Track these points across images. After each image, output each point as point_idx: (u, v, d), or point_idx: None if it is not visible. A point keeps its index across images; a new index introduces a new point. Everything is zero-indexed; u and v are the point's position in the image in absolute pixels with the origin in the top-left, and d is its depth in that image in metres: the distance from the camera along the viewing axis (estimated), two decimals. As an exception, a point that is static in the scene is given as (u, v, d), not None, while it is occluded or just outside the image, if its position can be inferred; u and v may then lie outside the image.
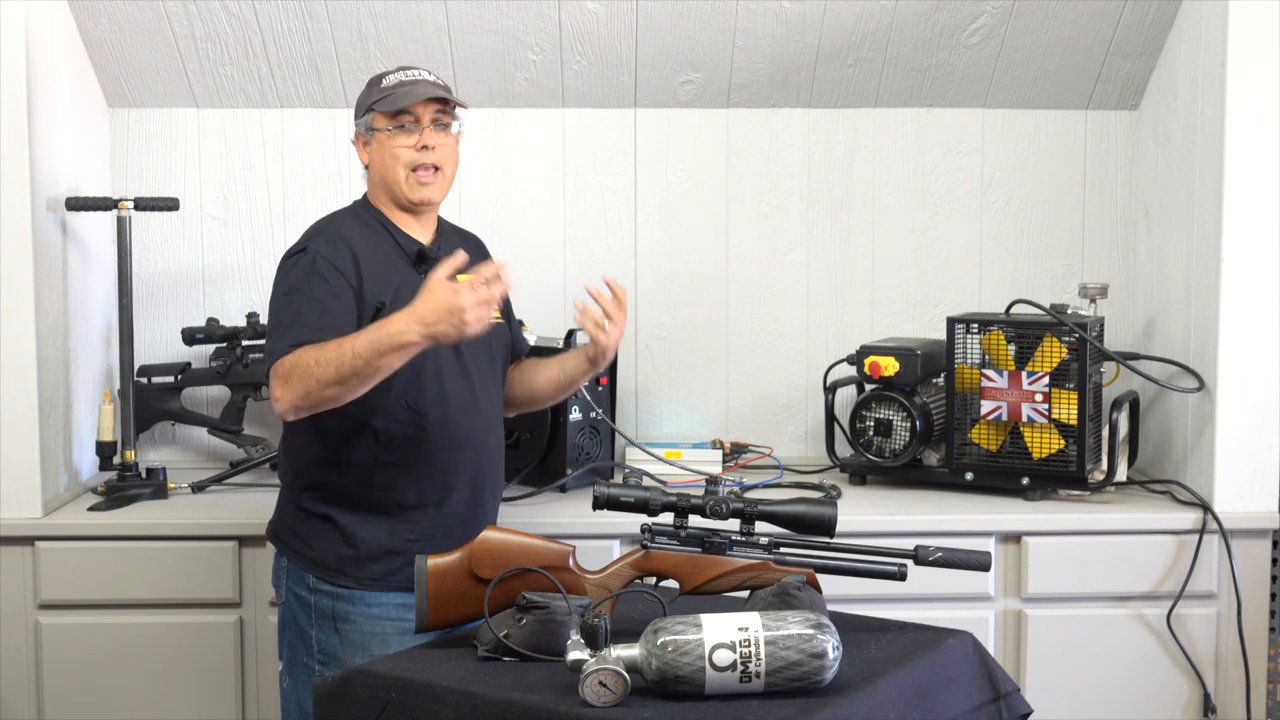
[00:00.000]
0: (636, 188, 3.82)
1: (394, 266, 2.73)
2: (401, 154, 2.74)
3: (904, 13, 3.56)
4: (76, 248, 3.46)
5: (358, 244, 2.71)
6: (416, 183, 2.75)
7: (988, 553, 2.36)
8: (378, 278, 2.69)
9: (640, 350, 3.84)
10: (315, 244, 2.69)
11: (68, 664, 3.22)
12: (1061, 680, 3.25)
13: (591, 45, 3.62)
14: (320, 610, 2.70)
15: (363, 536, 2.68)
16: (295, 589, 2.73)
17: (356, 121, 2.80)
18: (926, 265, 3.86)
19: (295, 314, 2.62)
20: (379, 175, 2.78)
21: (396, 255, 2.75)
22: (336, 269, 2.65)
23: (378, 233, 2.76)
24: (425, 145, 2.74)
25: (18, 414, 3.20)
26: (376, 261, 2.71)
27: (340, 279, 2.65)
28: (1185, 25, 3.51)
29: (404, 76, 2.78)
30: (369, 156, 2.80)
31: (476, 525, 2.71)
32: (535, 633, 2.18)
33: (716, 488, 2.33)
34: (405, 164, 2.74)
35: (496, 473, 2.85)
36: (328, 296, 2.63)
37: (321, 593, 2.69)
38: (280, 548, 2.78)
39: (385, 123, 2.75)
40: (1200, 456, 3.37)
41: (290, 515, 2.76)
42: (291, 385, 2.53)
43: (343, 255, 2.67)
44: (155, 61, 3.61)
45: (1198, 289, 3.40)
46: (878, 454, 3.51)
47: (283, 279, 2.69)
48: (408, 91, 2.74)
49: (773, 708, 1.97)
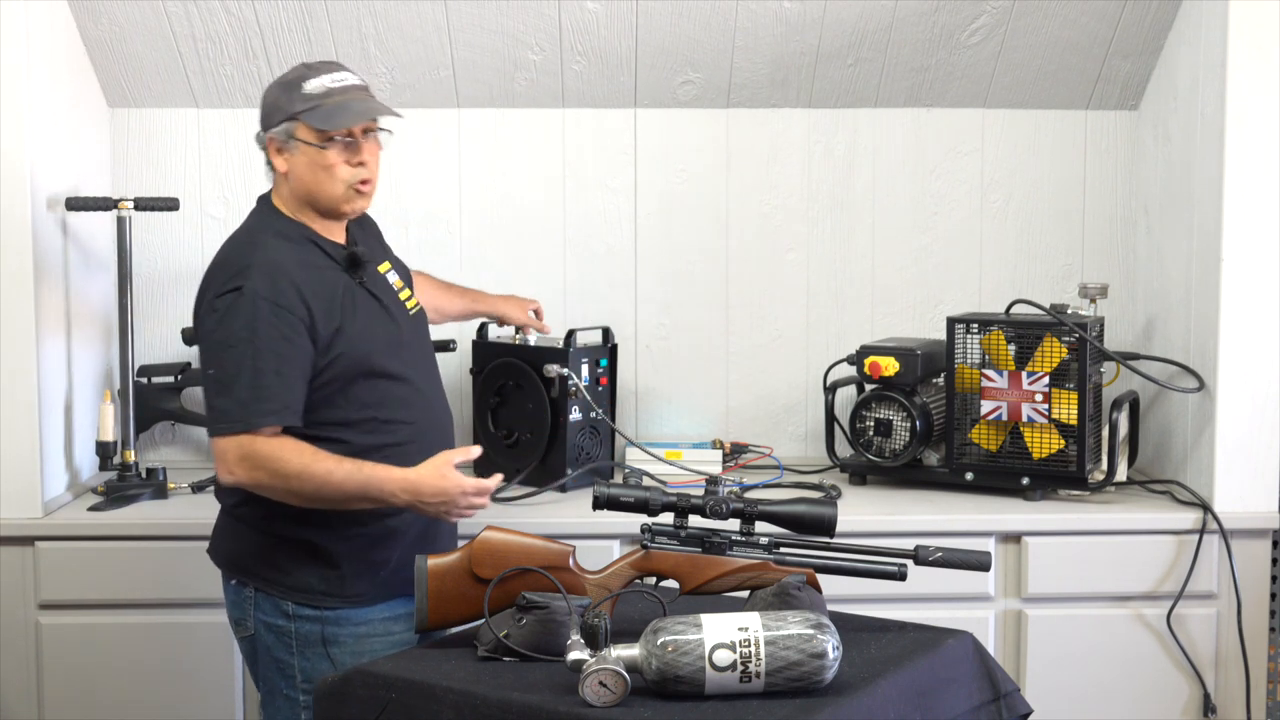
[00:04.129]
0: (636, 188, 3.82)
1: (332, 281, 2.61)
2: (339, 171, 2.60)
3: (904, 13, 3.56)
4: (76, 248, 3.46)
5: (294, 272, 2.55)
6: (355, 195, 2.65)
7: (988, 553, 2.36)
8: (324, 302, 2.56)
9: (640, 350, 3.84)
10: (252, 282, 2.51)
11: (68, 664, 3.22)
12: (1061, 680, 3.25)
13: (591, 45, 3.62)
14: (305, 637, 2.60)
15: (344, 555, 2.59)
16: (268, 619, 2.62)
17: (274, 127, 2.61)
18: (926, 265, 3.86)
19: (251, 371, 2.47)
20: (304, 188, 2.62)
21: (329, 266, 2.63)
22: (283, 307, 2.50)
23: (305, 247, 2.62)
24: (362, 161, 2.63)
25: (18, 414, 3.20)
26: (318, 285, 2.58)
27: (290, 318, 2.51)
28: (1185, 25, 3.51)
29: (331, 83, 2.61)
30: (288, 165, 2.62)
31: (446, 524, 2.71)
32: (535, 633, 2.18)
33: (716, 488, 2.33)
34: (344, 181, 2.61)
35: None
36: (281, 344, 2.49)
37: (304, 619, 2.59)
38: (245, 578, 2.64)
39: (314, 136, 2.58)
40: (1200, 456, 3.37)
41: (255, 543, 2.63)
42: (257, 476, 2.47)
43: (285, 291, 2.52)
44: (155, 61, 3.61)
45: (1198, 289, 3.40)
46: (878, 454, 3.51)
47: (221, 325, 2.51)
48: (341, 106, 2.58)
49: (773, 708, 1.97)
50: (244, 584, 2.66)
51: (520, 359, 3.48)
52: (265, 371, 2.48)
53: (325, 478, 2.46)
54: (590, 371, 3.51)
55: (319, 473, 2.46)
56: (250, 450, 2.47)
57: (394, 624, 2.62)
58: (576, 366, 3.45)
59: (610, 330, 3.64)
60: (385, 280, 2.76)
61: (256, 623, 2.64)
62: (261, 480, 2.48)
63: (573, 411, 3.45)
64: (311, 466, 2.46)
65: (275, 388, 2.49)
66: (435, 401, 2.75)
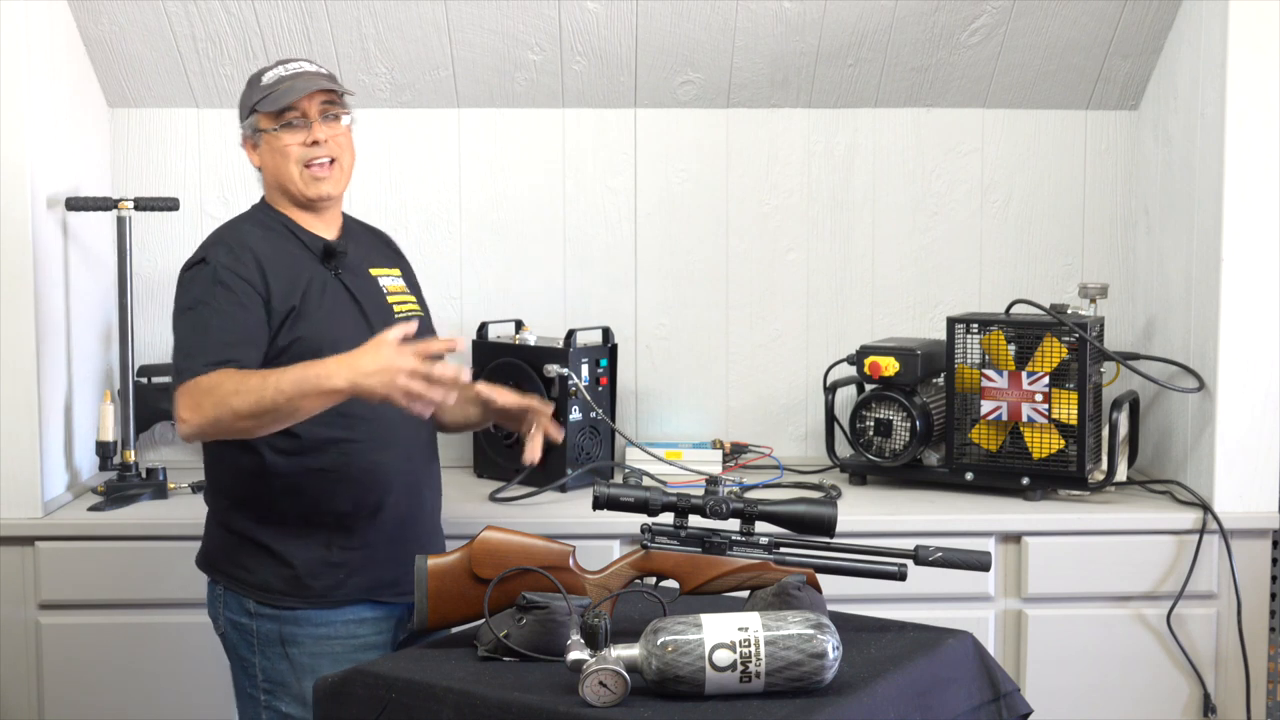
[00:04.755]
0: (636, 188, 3.82)
1: (302, 266, 2.64)
2: (292, 151, 2.65)
3: (904, 13, 3.56)
4: (76, 248, 3.46)
5: (260, 248, 2.61)
6: (311, 178, 2.67)
7: (988, 553, 2.36)
8: (285, 281, 2.59)
9: (640, 350, 3.84)
10: (215, 254, 2.58)
11: (68, 664, 3.22)
12: (1061, 680, 3.25)
13: (591, 45, 3.62)
14: (265, 636, 2.60)
15: (298, 554, 2.58)
16: (233, 617, 2.63)
17: (242, 124, 2.71)
18: (926, 265, 3.86)
19: (203, 329, 2.51)
20: (272, 176, 2.69)
21: (303, 255, 2.66)
22: (240, 277, 2.55)
23: (280, 234, 2.67)
24: (315, 140, 2.65)
25: (18, 414, 3.20)
26: (282, 265, 2.61)
27: (246, 287, 2.55)
28: (1185, 25, 3.51)
29: (284, 71, 2.69)
30: (259, 159, 2.70)
31: (420, 526, 2.71)
32: (535, 633, 2.18)
33: (716, 488, 2.33)
34: (296, 161, 2.65)
35: (432, 469, 2.78)
36: (234, 308, 2.53)
37: (264, 617, 2.59)
38: (214, 575, 2.66)
39: (270, 122, 2.66)
40: (1200, 456, 3.37)
41: (221, 539, 2.65)
42: (203, 410, 2.43)
43: (245, 262, 2.57)
44: (155, 61, 3.61)
45: (1198, 289, 3.40)
46: (878, 454, 3.51)
47: (184, 293, 2.59)
48: (289, 88, 2.65)
49: (773, 708, 1.97)
50: (215, 581, 2.67)
51: (520, 359, 3.48)
52: (213, 329, 2.51)
53: (262, 381, 2.41)
54: (590, 371, 3.51)
55: (254, 382, 2.41)
56: (192, 389, 2.45)
57: (359, 627, 2.60)
58: (576, 366, 3.46)
59: (610, 330, 3.64)
60: (373, 281, 2.76)
61: (225, 621, 2.65)
62: (208, 417, 2.43)
63: (573, 411, 3.46)
64: (248, 379, 2.43)
65: (219, 346, 2.50)
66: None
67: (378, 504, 2.63)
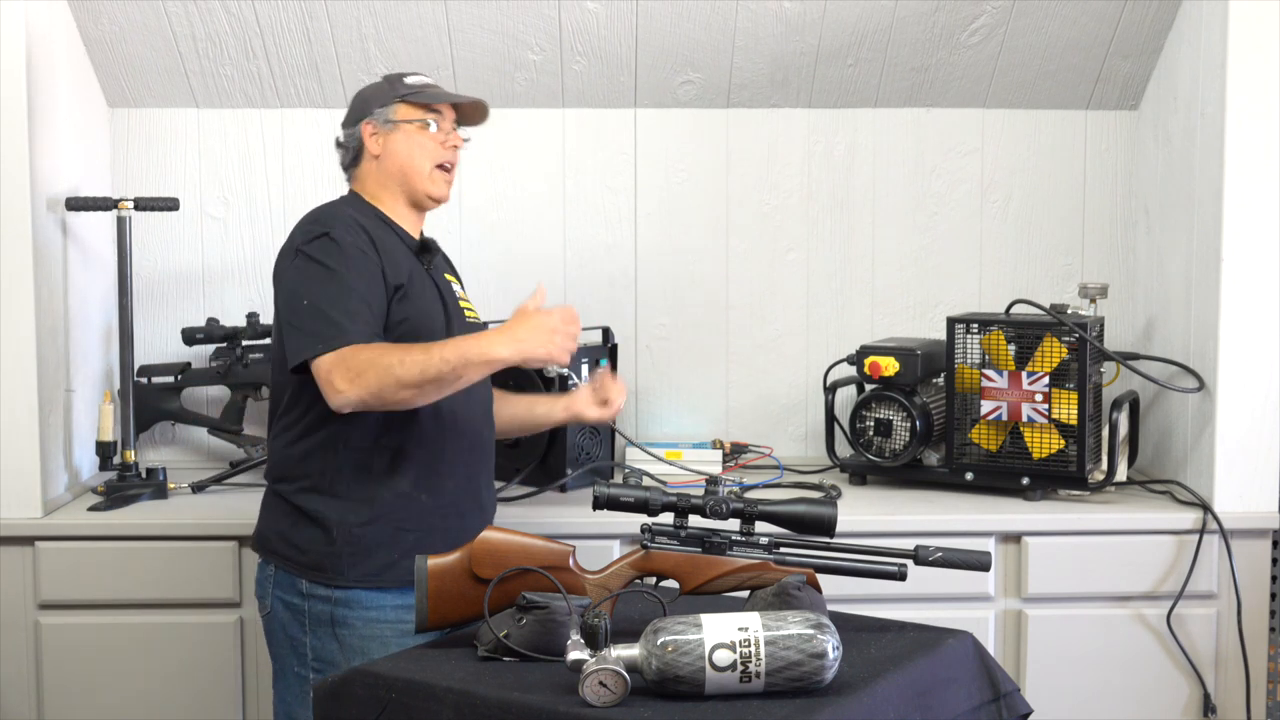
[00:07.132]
0: (636, 188, 3.82)
1: (401, 254, 2.73)
2: (431, 148, 2.78)
3: (904, 13, 3.56)
4: (76, 248, 3.46)
5: (371, 230, 2.70)
6: (440, 179, 2.80)
7: (988, 553, 2.36)
8: (392, 261, 2.69)
9: (640, 350, 3.84)
10: (338, 231, 2.65)
11: (68, 664, 3.22)
12: (1061, 680, 3.25)
13: (591, 45, 3.62)
14: (316, 617, 2.65)
15: (356, 530, 2.64)
16: (284, 596, 2.68)
17: (373, 110, 2.79)
18: (926, 265, 3.86)
19: (347, 297, 2.59)
20: (396, 166, 2.78)
21: (400, 245, 2.75)
22: (361, 250, 2.64)
23: (379, 225, 2.75)
24: (456, 145, 2.82)
25: (18, 414, 3.20)
26: (387, 246, 2.71)
27: (366, 260, 2.64)
28: (1185, 25, 3.51)
29: (428, 80, 2.85)
30: (382, 147, 2.78)
31: (474, 519, 2.72)
32: (535, 633, 2.18)
33: (716, 488, 2.33)
34: (433, 159, 2.79)
35: (490, 467, 2.85)
36: (367, 280, 2.62)
37: (317, 598, 2.65)
38: (267, 555, 2.72)
39: (415, 114, 2.78)
40: (1200, 456, 3.37)
41: (279, 518, 2.71)
42: (365, 380, 2.50)
43: (361, 238, 2.66)
44: (155, 61, 3.61)
45: (1198, 289, 3.40)
46: (878, 454, 3.51)
47: (309, 262, 2.63)
48: (442, 92, 2.81)
49: (773, 708, 1.97)
50: (267, 561, 2.73)
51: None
52: (356, 298, 2.59)
53: (425, 353, 2.52)
54: (590, 371, 3.51)
55: (417, 355, 2.52)
56: (350, 358, 2.52)
57: (408, 613, 2.60)
58: (576, 366, 3.46)
59: (610, 330, 3.64)
60: (449, 285, 2.88)
61: (274, 600, 2.70)
62: (371, 388, 2.50)
63: (573, 411, 3.45)
64: (411, 350, 2.53)
65: (365, 314, 2.59)
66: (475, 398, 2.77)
67: (437, 488, 2.70)
